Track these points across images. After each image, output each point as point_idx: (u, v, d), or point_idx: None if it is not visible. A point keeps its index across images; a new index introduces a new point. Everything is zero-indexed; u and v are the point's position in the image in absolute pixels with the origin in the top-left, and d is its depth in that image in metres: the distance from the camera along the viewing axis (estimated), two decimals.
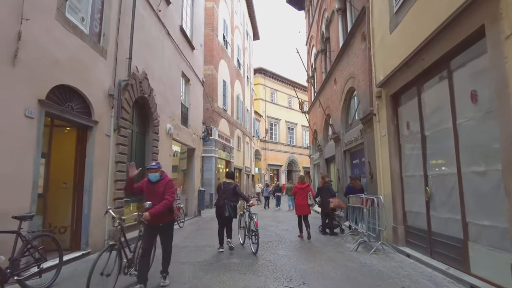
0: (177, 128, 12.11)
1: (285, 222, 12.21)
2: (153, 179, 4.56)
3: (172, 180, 4.73)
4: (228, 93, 22.96)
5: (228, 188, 6.88)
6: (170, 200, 4.42)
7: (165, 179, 4.63)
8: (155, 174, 4.57)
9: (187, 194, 14.08)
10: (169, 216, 4.66)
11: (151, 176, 4.56)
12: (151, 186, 4.58)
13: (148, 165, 4.69)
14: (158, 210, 4.28)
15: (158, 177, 4.58)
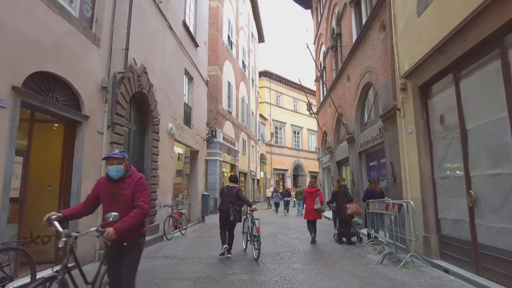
0: (180, 128, 11.30)
1: (295, 229, 11.29)
2: (114, 175, 2.99)
3: (144, 178, 3.18)
4: (233, 95, 22.19)
5: (232, 192, 6.67)
6: (145, 208, 2.92)
7: (134, 177, 3.05)
8: (118, 168, 2.98)
9: (190, 199, 13.23)
10: (137, 231, 3.04)
11: (112, 171, 2.99)
12: (111, 187, 3.01)
13: (109, 153, 3.10)
14: (128, 224, 2.76)
15: (122, 172, 3.00)
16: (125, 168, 3.04)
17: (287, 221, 14.21)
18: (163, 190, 9.66)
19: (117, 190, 2.98)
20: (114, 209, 2.81)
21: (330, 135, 14.37)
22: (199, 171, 13.77)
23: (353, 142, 10.83)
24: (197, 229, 11.72)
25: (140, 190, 2.98)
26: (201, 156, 14.16)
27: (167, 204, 9.76)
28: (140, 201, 2.92)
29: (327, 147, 14.54)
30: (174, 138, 10.73)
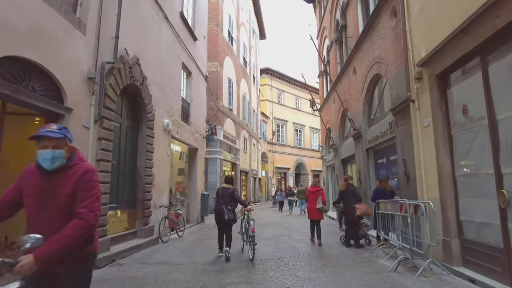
0: (177, 124, 10.70)
1: (298, 230, 10.68)
2: (49, 165, 1.91)
3: (95, 171, 2.05)
4: (234, 92, 21.58)
5: (227, 193, 6.62)
6: (89, 218, 1.86)
7: (79, 168, 1.96)
8: (55, 154, 1.90)
9: (189, 198, 12.65)
10: (81, 251, 1.95)
11: (44, 157, 1.90)
12: (41, 183, 1.93)
13: (41, 129, 1.94)
14: (60, 246, 1.75)
15: (62, 159, 1.94)
16: (67, 154, 1.96)
17: (290, 221, 13.60)
18: (158, 190, 9.08)
19: (51, 186, 1.90)
20: (42, 217, 1.86)
21: (334, 131, 13.74)
22: (198, 169, 13.18)
23: (360, 139, 10.20)
24: (195, 230, 11.13)
25: (85, 190, 1.90)
26: (200, 154, 13.57)
27: (162, 204, 9.17)
28: (82, 207, 1.86)
29: (331, 145, 13.92)
30: (171, 135, 10.14)
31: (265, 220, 13.83)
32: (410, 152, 6.67)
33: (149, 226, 8.28)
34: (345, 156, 12.45)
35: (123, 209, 7.60)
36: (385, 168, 8.96)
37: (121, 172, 7.51)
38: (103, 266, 5.89)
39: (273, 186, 33.31)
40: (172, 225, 9.13)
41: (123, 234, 7.41)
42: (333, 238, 8.94)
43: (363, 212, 7.50)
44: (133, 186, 8.09)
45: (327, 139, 15.83)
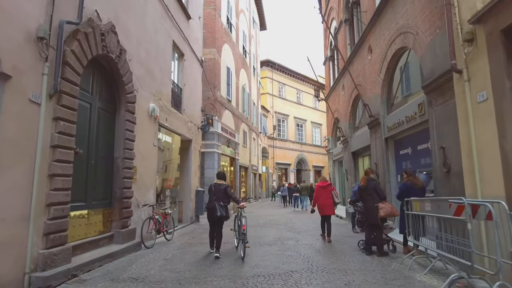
0: (166, 111, 9.24)
1: (306, 231, 9.25)
2: None
3: None
4: (233, 82, 20.10)
5: (219, 189, 6.39)
6: None
7: None
8: None
9: (181, 195, 11.21)
10: None
11: None
12: None
13: None
14: None
15: None
16: None
17: (293, 220, 12.18)
18: (142, 186, 7.64)
19: None
20: None
21: (344, 121, 12.28)
22: (193, 163, 11.74)
23: (377, 127, 8.76)
24: (187, 231, 9.70)
25: None
26: (195, 146, 12.12)
27: (147, 203, 7.73)
28: None
29: (340, 136, 12.45)
30: (158, 122, 8.68)
31: (267, 220, 12.41)
32: (452, 137, 5.22)
33: (129, 229, 6.84)
34: (357, 148, 11.00)
35: (95, 208, 6.16)
36: (409, 159, 7.52)
37: (91, 164, 6.05)
38: (59, 285, 4.46)
39: (273, 182, 31.97)
40: (158, 227, 7.69)
41: (95, 239, 5.97)
42: (348, 242, 7.53)
43: (388, 213, 6.07)
44: (109, 181, 6.63)
45: (334, 130, 14.38)
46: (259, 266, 5.31)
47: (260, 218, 12.84)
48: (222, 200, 6.30)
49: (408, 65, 7.48)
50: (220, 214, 6.15)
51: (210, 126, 13.17)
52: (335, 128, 14.17)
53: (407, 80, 7.58)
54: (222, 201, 6.30)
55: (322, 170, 38.09)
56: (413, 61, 7.23)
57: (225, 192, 6.37)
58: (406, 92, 7.61)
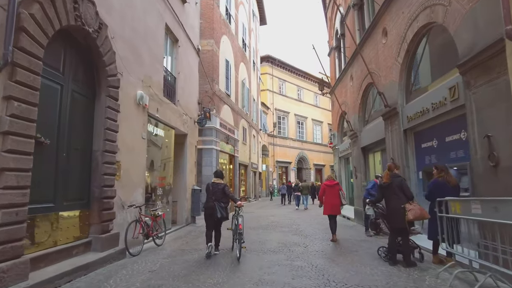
0: (157, 101, 8.22)
1: (313, 235, 8.24)
2: None
3: None
4: (232, 76, 19.09)
5: (217, 189, 6.08)
6: None
7: None
8: None
9: (176, 194, 10.18)
10: None
11: None
12: None
13: None
14: None
15: None
16: None
17: (297, 221, 11.17)
18: (128, 184, 6.62)
19: None
20: None
21: (352, 114, 11.26)
22: (188, 159, 10.71)
23: (394, 118, 7.75)
24: (182, 235, 8.67)
25: None
26: (191, 141, 11.09)
27: (134, 203, 6.70)
28: None
29: (348, 131, 11.44)
30: (148, 112, 7.65)
31: (269, 221, 11.40)
32: (500, 123, 4.22)
33: (111, 234, 5.82)
34: (368, 143, 9.98)
35: (67, 210, 5.13)
36: (434, 153, 6.51)
37: (62, 157, 5.01)
38: None
39: (273, 180, 30.99)
40: (146, 231, 6.66)
41: (66, 248, 4.94)
42: (363, 247, 6.53)
43: (417, 216, 5.04)
44: (86, 178, 5.60)
45: (340, 125, 13.36)
46: (264, 283, 4.29)
47: (261, 219, 11.83)
48: (221, 200, 6.03)
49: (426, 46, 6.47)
50: (221, 215, 5.92)
51: (208, 120, 12.14)
52: (341, 122, 13.16)
53: (434, 61, 6.56)
54: (222, 202, 6.04)
55: (323, 169, 37.15)
56: (439, 39, 6.22)
57: (223, 192, 6.08)
58: (433, 75, 6.59)
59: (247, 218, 12.20)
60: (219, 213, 5.88)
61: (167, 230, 7.88)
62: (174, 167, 9.93)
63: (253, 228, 9.53)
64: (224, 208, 5.99)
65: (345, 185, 13.17)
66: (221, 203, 5.96)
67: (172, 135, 9.68)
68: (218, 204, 5.92)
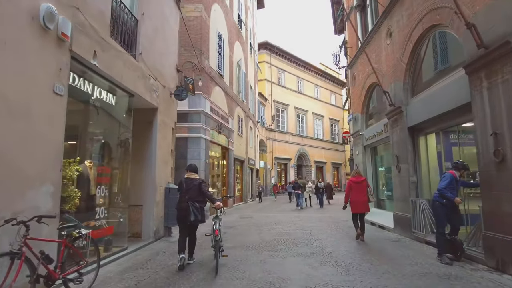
0: (94, 38, 4.77)
1: (355, 264, 4.87)
2: None
3: None
4: (225, 53, 15.69)
5: (192, 186, 4.98)
6: None
7: None
8: None
9: (137, 196, 6.76)
10: None
11: None
12: None
13: None
14: None
15: None
16: None
17: (316, 233, 7.79)
18: (11, 176, 3.20)
19: None
20: None
21: (392, 83, 7.87)
22: (159, 146, 7.25)
23: (496, 64, 4.36)
24: (143, 260, 5.23)
25: None
26: (164, 120, 7.64)
27: (21, 215, 3.26)
28: None
29: (389, 105, 8.04)
30: (71, 50, 4.20)
31: (275, 232, 8.01)
32: None
33: None
34: (422, 119, 6.57)
35: None
36: None
37: None
38: None
39: (272, 178, 27.62)
40: (47, 272, 3.23)
41: None
42: None
43: None
44: None
45: (366, 104, 9.99)
46: None
47: (263, 229, 8.44)
48: (196, 199, 4.94)
49: None
50: (195, 218, 4.83)
51: (190, 94, 8.69)
52: (367, 100, 9.80)
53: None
54: (197, 201, 4.94)
55: (324, 166, 33.90)
56: None
57: (199, 189, 4.98)
58: None
59: (243, 228, 8.81)
60: (193, 215, 4.86)
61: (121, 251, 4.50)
62: (134, 155, 6.49)
63: (254, 248, 6.14)
64: (199, 209, 4.97)
65: (372, 181, 9.83)
66: (195, 203, 4.93)
67: (129, 104, 6.23)
68: (192, 205, 4.89)
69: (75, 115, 5.57)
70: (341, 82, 38.20)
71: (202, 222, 5.06)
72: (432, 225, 6.39)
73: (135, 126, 6.41)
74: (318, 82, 34.60)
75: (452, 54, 5.90)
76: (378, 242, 6.67)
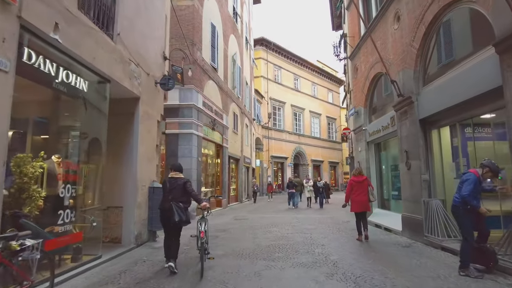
0: (56, 8, 3.96)
1: (367, 277, 4.10)
2: None
3: None
4: (220, 46, 14.87)
5: (176, 185, 4.63)
6: None
7: None
8: None
9: (116, 196, 5.94)
10: None
11: None
12: None
13: None
14: None
15: None
16: None
17: (317, 237, 7.02)
18: None
19: None
20: None
21: (400, 70, 7.10)
22: (142, 140, 6.43)
23: None
24: (115, 272, 4.41)
25: None
26: (148, 111, 6.82)
27: None
28: None
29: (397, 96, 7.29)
30: (22, 18, 3.39)
31: (272, 237, 7.24)
32: None
33: None
34: (438, 109, 5.82)
35: None
36: None
37: None
38: None
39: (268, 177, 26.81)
40: None
41: None
42: None
43: None
44: None
45: (369, 97, 9.24)
46: None
47: (259, 232, 7.66)
48: (180, 199, 4.57)
49: None
50: (179, 218, 4.44)
51: (178, 85, 7.87)
52: (371, 91, 9.04)
53: None
54: (182, 201, 4.58)
55: (321, 165, 33.18)
56: None
57: (184, 189, 4.61)
58: None
59: (237, 231, 8.03)
60: (177, 215, 4.43)
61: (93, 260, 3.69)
62: (112, 150, 5.67)
63: (248, 256, 5.35)
64: (183, 209, 4.56)
65: (376, 180, 9.09)
66: (179, 203, 4.53)
67: (105, 91, 5.40)
68: (176, 205, 4.48)
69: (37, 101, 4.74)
70: (339, 80, 37.53)
71: (186, 223, 4.66)
72: (447, 228, 5.67)
73: (114, 117, 5.59)
74: (315, 80, 33.88)
75: (474, 34, 5.16)
76: (387, 248, 5.92)
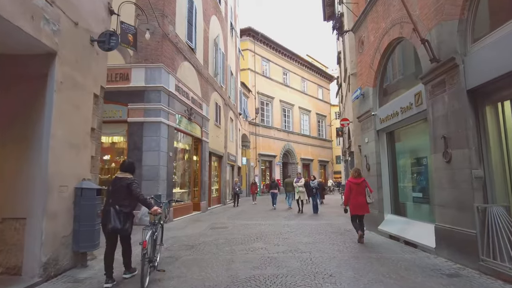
0: None
1: None
2: None
3: None
4: (199, 25, 12.72)
5: (119, 186, 3.85)
6: None
7: None
8: None
9: (11, 203, 3.74)
10: None
11: None
12: None
13: None
14: None
15: None
16: None
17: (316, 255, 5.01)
18: None
19: None
20: None
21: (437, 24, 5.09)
22: (58, 117, 4.24)
23: None
24: None
25: None
26: (76, 78, 4.61)
27: None
28: None
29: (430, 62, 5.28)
30: None
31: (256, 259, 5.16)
32: None
33: None
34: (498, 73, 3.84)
35: None
36: None
37: None
38: None
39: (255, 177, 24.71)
40: None
41: None
42: None
43: None
44: None
45: (379, 74, 7.25)
46: None
47: (237, 251, 5.53)
48: (121, 202, 3.78)
49: None
50: (113, 226, 3.70)
51: (130, 48, 5.70)
52: (382, 65, 7.05)
53: None
54: (123, 205, 3.78)
55: (311, 164, 31.35)
56: None
57: (128, 190, 3.81)
58: None
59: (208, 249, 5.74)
60: (112, 221, 3.68)
61: None
62: (8, 134, 3.47)
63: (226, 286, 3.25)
64: (124, 214, 3.75)
65: (390, 177, 7.11)
66: (120, 207, 3.72)
67: None
68: (114, 209, 3.71)
69: None
70: (329, 76, 35.82)
71: (124, 232, 3.83)
72: None
73: (10, 83, 3.39)
74: (305, 75, 32.02)
75: None
76: (423, 278, 3.90)
